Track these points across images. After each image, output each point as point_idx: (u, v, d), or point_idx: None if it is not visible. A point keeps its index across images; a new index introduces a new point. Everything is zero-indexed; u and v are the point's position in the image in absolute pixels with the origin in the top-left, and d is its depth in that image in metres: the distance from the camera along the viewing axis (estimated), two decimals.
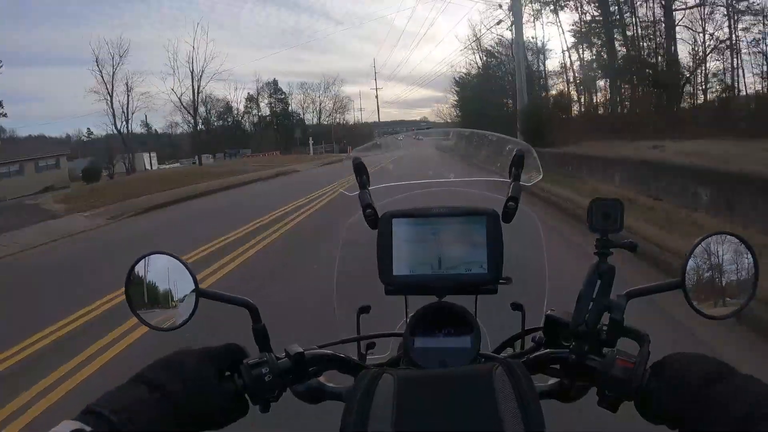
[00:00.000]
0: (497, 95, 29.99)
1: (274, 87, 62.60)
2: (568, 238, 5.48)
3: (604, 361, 0.59)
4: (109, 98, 41.03)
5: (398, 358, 0.72)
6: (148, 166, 45.01)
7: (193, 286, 0.64)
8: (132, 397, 0.51)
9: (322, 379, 0.70)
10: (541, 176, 0.77)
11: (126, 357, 3.14)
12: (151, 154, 47.73)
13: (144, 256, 0.65)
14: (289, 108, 63.23)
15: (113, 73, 40.47)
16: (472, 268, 0.70)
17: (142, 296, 0.64)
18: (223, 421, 0.58)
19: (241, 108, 61.24)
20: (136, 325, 3.40)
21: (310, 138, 48.44)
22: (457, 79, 36.65)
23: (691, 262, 0.61)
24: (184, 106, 43.34)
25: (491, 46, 30.83)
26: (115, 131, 42.46)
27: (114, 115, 41.46)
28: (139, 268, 0.65)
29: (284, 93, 62.89)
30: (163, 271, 0.65)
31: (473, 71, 34.33)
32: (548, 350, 0.66)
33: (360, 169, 0.75)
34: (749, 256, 0.60)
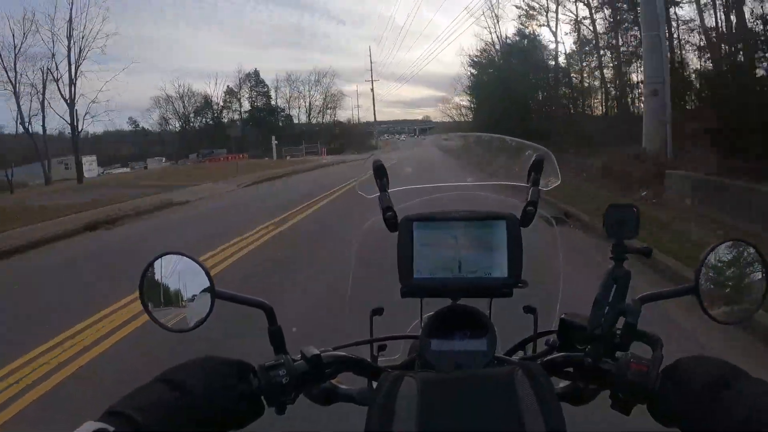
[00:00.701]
0: (534, 76, 19.77)
1: (255, 79, 53.76)
2: None
3: (619, 365, 0.60)
4: (12, 87, 27.57)
5: (412, 360, 0.72)
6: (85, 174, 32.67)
7: (209, 287, 0.63)
8: (154, 397, 0.52)
9: (335, 380, 0.70)
10: (559, 181, 0.78)
11: None
12: (89, 158, 35.19)
13: (159, 256, 0.64)
14: (274, 103, 55.10)
15: (16, 53, 27.25)
16: (492, 272, 0.70)
17: (158, 297, 0.64)
18: (241, 423, 0.59)
19: (221, 103, 52.99)
20: None
21: (273, 138, 41.11)
22: (474, 58, 26.10)
23: (704, 268, 0.62)
24: (63, 96, 27.60)
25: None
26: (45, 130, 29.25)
27: (20, 110, 28.42)
28: (154, 269, 0.64)
29: (266, 86, 54.40)
30: (178, 272, 0.64)
31: (491, 49, 23.36)
32: (564, 353, 0.67)
33: (380, 172, 0.75)
34: (761, 263, 0.62)
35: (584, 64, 19.20)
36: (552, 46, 20.05)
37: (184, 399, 0.53)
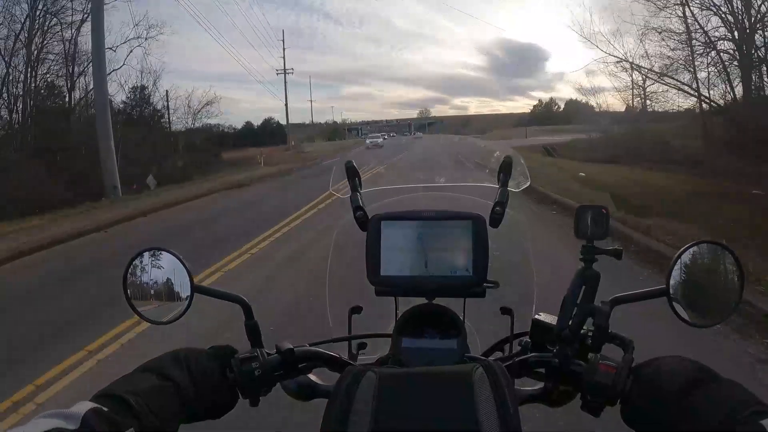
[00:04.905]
0: None
1: None
2: None
3: (588, 366, 0.60)
4: None
5: (387, 358, 0.73)
6: None
7: (189, 282, 0.66)
8: (145, 383, 0.54)
9: (312, 376, 0.71)
10: (528, 182, 0.78)
11: None
12: None
13: (142, 252, 0.67)
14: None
15: None
16: (457, 270, 0.71)
17: (140, 290, 0.67)
18: (217, 413, 0.62)
19: None
20: None
21: None
22: None
23: (676, 270, 0.61)
24: None
25: None
26: None
27: None
28: (138, 263, 0.67)
29: None
30: (160, 267, 0.67)
31: None
32: (533, 354, 0.67)
33: (352, 172, 0.77)
34: (734, 265, 0.61)
35: None
36: None
37: (172, 387, 0.55)
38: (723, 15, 13.48)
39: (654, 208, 6.54)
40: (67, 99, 17.15)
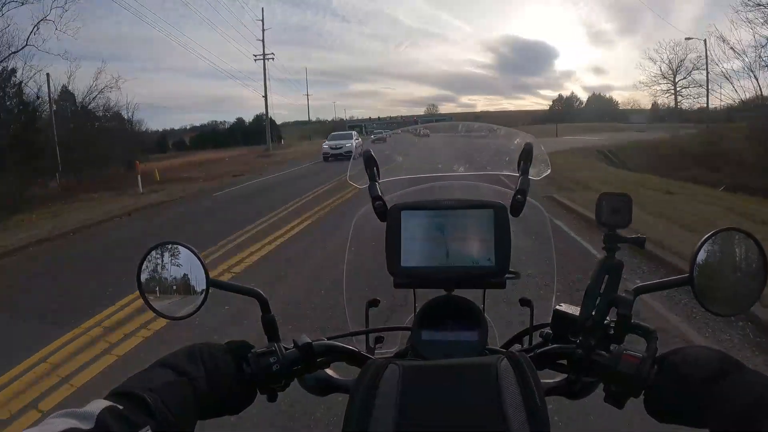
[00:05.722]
0: None
1: None
2: None
3: (611, 357, 0.59)
4: None
5: (406, 351, 0.72)
6: None
7: (204, 276, 0.65)
8: (161, 380, 0.53)
9: (329, 371, 0.71)
10: (549, 170, 0.77)
11: None
12: None
13: (157, 246, 0.66)
14: None
15: None
16: (479, 260, 0.70)
17: (155, 284, 0.66)
18: (235, 409, 0.61)
19: None
20: None
21: None
22: None
23: (700, 259, 0.60)
24: None
25: None
26: None
27: None
28: (152, 257, 0.66)
29: None
30: (175, 261, 0.66)
31: None
32: (555, 345, 0.66)
33: (370, 162, 0.76)
34: (758, 253, 0.60)
35: None
36: None
37: (188, 383, 0.54)
38: None
39: None
40: None
